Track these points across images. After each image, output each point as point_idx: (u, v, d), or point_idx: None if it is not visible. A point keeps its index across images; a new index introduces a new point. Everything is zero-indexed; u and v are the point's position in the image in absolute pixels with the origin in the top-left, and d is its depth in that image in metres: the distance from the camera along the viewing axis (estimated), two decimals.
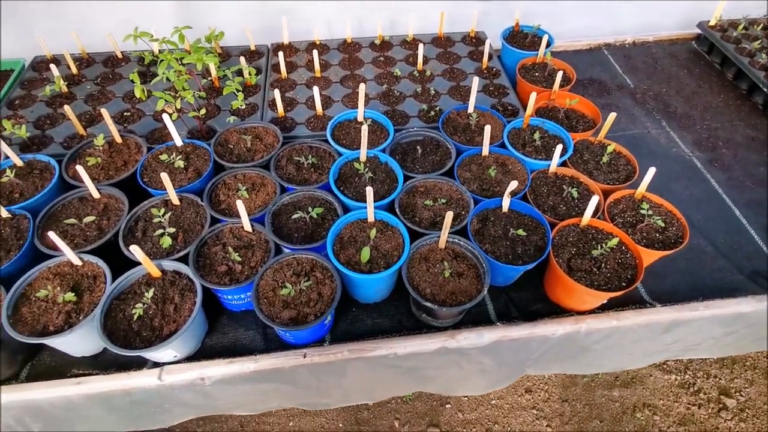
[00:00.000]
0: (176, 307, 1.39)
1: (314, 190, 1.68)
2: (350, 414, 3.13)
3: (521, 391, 2.95)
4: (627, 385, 2.92)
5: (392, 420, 3.01)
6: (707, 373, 2.96)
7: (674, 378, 2.93)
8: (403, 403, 3.06)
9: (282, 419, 3.56)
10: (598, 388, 2.92)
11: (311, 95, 2.16)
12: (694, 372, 2.96)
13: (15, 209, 1.59)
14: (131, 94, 2.17)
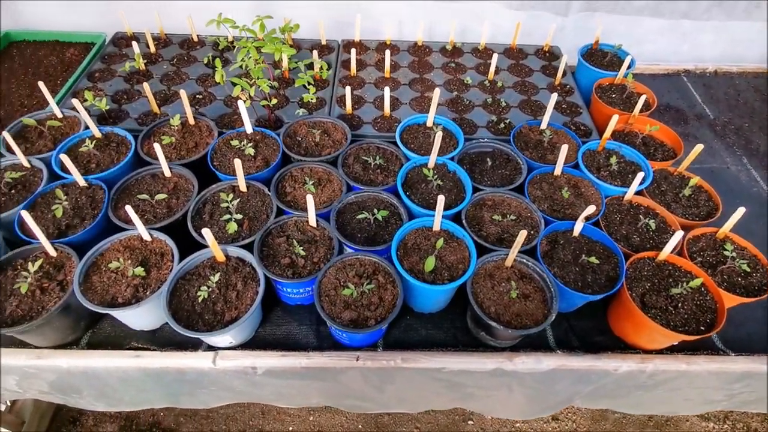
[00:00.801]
0: (238, 294, 1.39)
1: (380, 191, 1.66)
2: (371, 417, 3.10)
3: (548, 417, 2.85)
4: (660, 427, 2.77)
5: (412, 428, 2.97)
6: (747, 426, 2.78)
7: (712, 426, 2.76)
8: (425, 413, 3.01)
9: (302, 412, 3.57)
10: (630, 426, 2.79)
11: (379, 95, 2.15)
12: (733, 422, 2.79)
13: (91, 179, 1.63)
14: (204, 77, 2.21)
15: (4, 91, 2.15)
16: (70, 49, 2.37)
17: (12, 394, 1.61)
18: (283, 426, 3.50)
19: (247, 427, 3.46)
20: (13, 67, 2.27)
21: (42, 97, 2.11)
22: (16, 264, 1.44)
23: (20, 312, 1.34)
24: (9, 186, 1.62)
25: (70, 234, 1.50)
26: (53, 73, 2.25)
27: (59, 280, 1.41)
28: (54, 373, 1.48)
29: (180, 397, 1.69)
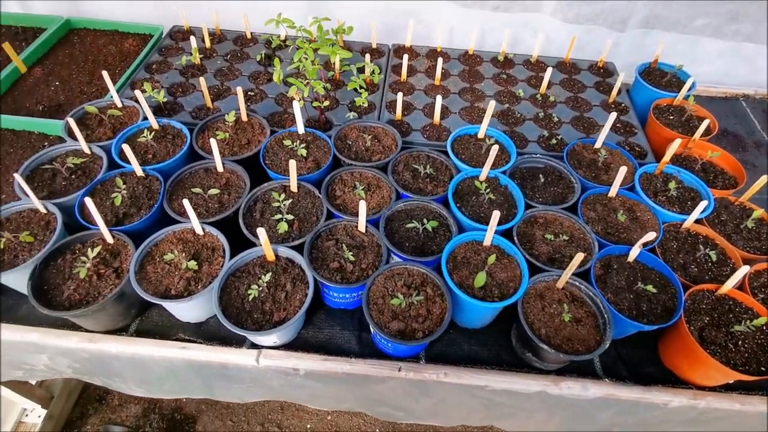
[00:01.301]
0: (287, 295, 1.40)
1: (429, 201, 1.64)
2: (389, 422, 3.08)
3: None
4: None
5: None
6: None
7: None
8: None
9: (321, 411, 3.58)
10: None
11: (428, 102, 2.14)
12: None
13: (148, 170, 1.67)
14: (256, 74, 2.23)
15: (65, 76, 2.21)
16: (129, 39, 2.43)
17: (51, 372, 1.65)
18: (301, 423, 3.52)
19: (266, 421, 3.49)
20: (74, 54, 2.34)
21: (101, 84, 2.18)
22: (74, 248, 1.48)
23: (77, 296, 1.37)
24: (70, 171, 1.67)
25: (127, 222, 1.54)
26: (112, 62, 2.31)
27: (115, 267, 1.44)
28: (101, 357, 1.51)
29: (217, 390, 1.71)
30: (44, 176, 1.66)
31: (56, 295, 1.37)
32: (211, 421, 3.44)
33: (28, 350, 1.52)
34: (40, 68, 2.24)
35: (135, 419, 3.38)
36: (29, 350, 1.52)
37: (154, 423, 3.36)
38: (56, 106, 2.07)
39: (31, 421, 3.17)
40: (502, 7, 2.44)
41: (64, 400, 3.30)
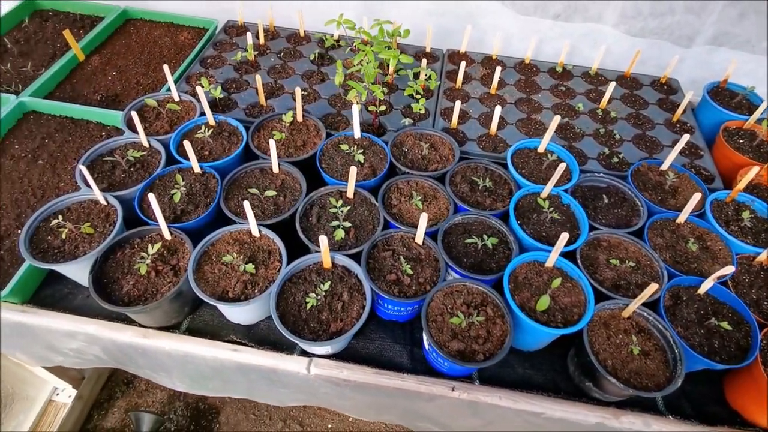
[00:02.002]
0: (344, 305, 1.37)
1: (488, 216, 1.59)
2: None
3: None
4: None
5: None
6: None
7: None
8: None
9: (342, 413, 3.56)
10: None
11: (484, 111, 2.08)
12: None
13: (205, 167, 1.66)
14: (309, 74, 2.21)
15: (122, 66, 2.23)
16: (183, 32, 2.44)
17: (97, 362, 1.66)
18: (323, 422, 3.51)
19: (288, 417, 3.50)
20: (130, 44, 2.36)
21: (156, 76, 2.19)
22: (133, 242, 1.48)
23: (136, 292, 1.37)
24: (129, 164, 1.67)
25: (185, 220, 1.53)
26: (167, 54, 2.32)
27: (172, 264, 1.44)
28: (151, 353, 1.51)
29: (258, 392, 1.70)
30: (104, 167, 1.67)
31: (115, 289, 1.38)
32: (234, 414, 3.46)
33: (83, 341, 1.53)
34: (98, 57, 2.26)
35: (160, 405, 3.43)
36: (84, 341, 1.53)
37: (178, 410, 3.39)
38: (113, 96, 2.08)
39: (61, 401, 3.23)
40: (563, 17, 2.37)
41: (94, 382, 3.36)
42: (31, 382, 3.05)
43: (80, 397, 3.24)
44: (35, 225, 1.48)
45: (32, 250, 1.42)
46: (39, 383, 3.11)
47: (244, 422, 3.45)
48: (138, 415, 2.79)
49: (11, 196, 1.69)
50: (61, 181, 1.75)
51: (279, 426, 3.45)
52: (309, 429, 3.45)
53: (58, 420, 3.15)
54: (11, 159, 1.81)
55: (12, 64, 2.17)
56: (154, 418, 2.78)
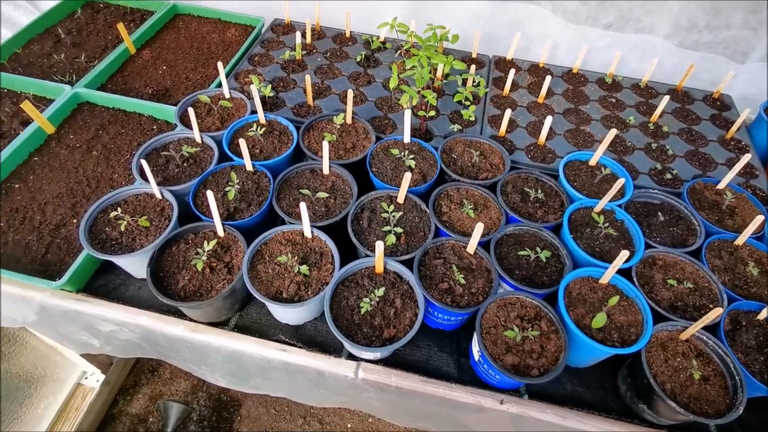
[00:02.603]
0: (396, 312, 1.37)
1: (540, 228, 1.57)
2: None
3: None
4: None
5: None
6: None
7: None
8: None
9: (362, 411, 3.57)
10: None
11: (531, 120, 2.06)
12: None
13: (257, 165, 1.67)
14: (356, 75, 2.21)
15: (172, 61, 2.26)
16: (231, 29, 2.46)
17: (141, 351, 1.69)
18: (342, 421, 3.52)
19: (308, 415, 3.51)
20: (179, 39, 2.39)
21: (205, 72, 2.21)
22: (187, 238, 1.50)
23: (192, 287, 1.38)
24: (183, 159, 1.69)
25: (238, 218, 1.54)
26: (215, 50, 2.34)
27: (226, 261, 1.45)
28: (199, 347, 1.53)
29: (300, 392, 1.71)
30: (158, 161, 1.69)
31: (171, 283, 1.39)
32: (255, 408, 3.49)
33: (132, 331, 1.55)
34: (149, 51, 2.29)
35: (183, 394, 3.47)
36: (133, 331, 1.55)
37: (201, 401, 3.44)
38: (164, 91, 2.11)
39: (89, 385, 3.30)
40: (615, 27, 2.32)
41: (121, 368, 3.42)
42: (61, 365, 3.12)
43: (107, 382, 3.30)
44: (93, 215, 1.50)
45: (91, 241, 1.44)
46: (69, 366, 3.18)
47: (264, 416, 3.48)
48: (166, 404, 2.83)
49: (67, 186, 1.72)
50: (114, 173, 1.78)
51: (299, 423, 3.46)
52: (329, 428, 3.46)
53: (85, 403, 3.21)
54: (66, 149, 1.84)
55: (65, 54, 2.21)
56: (182, 408, 2.82)
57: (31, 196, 1.68)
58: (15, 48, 2.22)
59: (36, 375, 2.90)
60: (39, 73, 2.12)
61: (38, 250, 1.55)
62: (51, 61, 2.18)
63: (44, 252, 1.54)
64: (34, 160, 1.79)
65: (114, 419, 3.29)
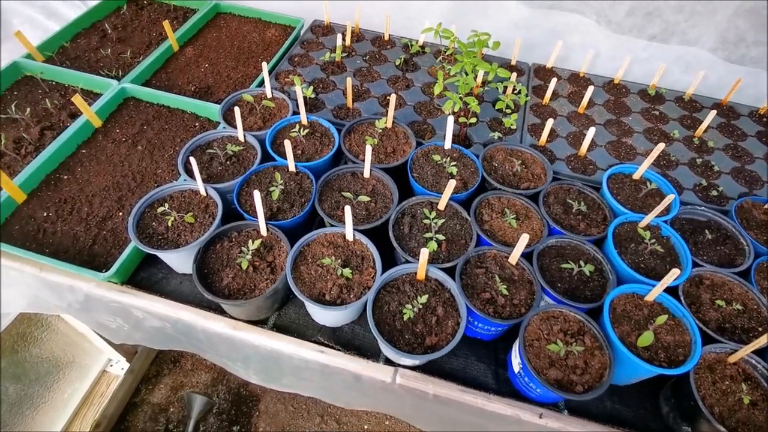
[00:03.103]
0: (438, 320, 1.36)
1: (582, 241, 1.55)
2: None
3: None
4: None
5: None
6: None
7: None
8: None
9: (380, 414, 3.57)
10: None
11: (572, 131, 2.03)
12: None
13: (300, 166, 1.68)
14: (395, 79, 2.21)
15: (213, 59, 2.29)
16: (271, 29, 2.48)
17: (175, 344, 1.71)
18: (359, 422, 3.53)
19: (325, 413, 3.53)
20: (221, 38, 2.42)
21: (246, 71, 2.23)
22: (231, 236, 1.51)
23: (235, 285, 1.40)
24: (227, 157, 1.71)
25: (280, 218, 1.55)
26: (255, 50, 2.36)
27: (269, 261, 1.46)
28: (237, 344, 1.55)
29: (332, 393, 1.71)
30: (202, 159, 1.71)
31: (215, 281, 1.41)
32: (273, 404, 3.52)
33: (172, 324, 1.58)
34: (191, 48, 2.33)
35: (204, 386, 3.52)
36: (173, 325, 1.58)
37: (221, 393, 3.48)
38: (206, 88, 2.14)
39: (114, 372, 3.37)
40: (659, 38, 2.28)
41: (144, 357, 3.49)
42: (89, 352, 3.19)
43: (131, 370, 3.36)
44: (141, 210, 1.53)
45: (139, 235, 1.47)
46: (96, 353, 3.25)
47: (282, 413, 3.51)
48: (191, 396, 2.87)
49: (113, 179, 1.76)
50: (158, 168, 1.81)
51: (316, 421, 3.48)
52: (345, 428, 3.47)
53: (110, 390, 3.28)
54: (112, 142, 1.88)
55: (112, 49, 2.26)
56: (206, 401, 2.86)
57: (79, 188, 1.72)
58: (63, 41, 2.27)
59: (65, 360, 2.97)
60: (86, 67, 2.17)
61: (86, 241, 1.58)
62: (97, 56, 2.23)
63: (91, 243, 1.58)
64: (81, 153, 1.83)
65: (136, 407, 3.35)
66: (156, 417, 3.31)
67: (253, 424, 3.40)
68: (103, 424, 3.11)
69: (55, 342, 2.83)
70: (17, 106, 1.94)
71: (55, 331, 2.82)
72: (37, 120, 1.92)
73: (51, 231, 1.60)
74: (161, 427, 3.27)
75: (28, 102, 1.99)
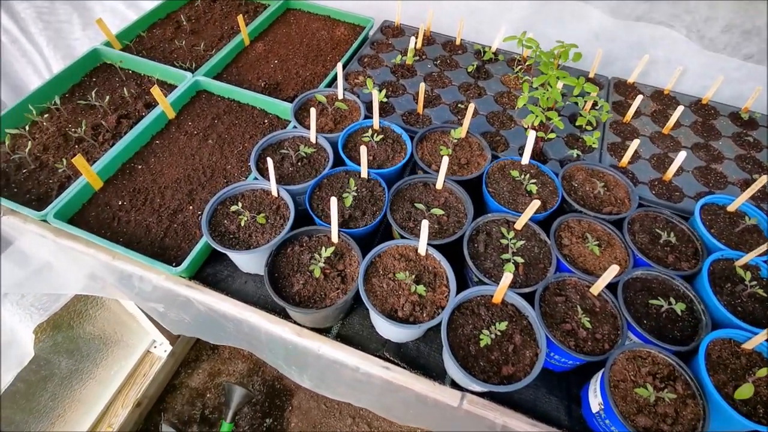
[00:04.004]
0: (515, 348, 1.29)
1: (672, 276, 1.44)
2: None
3: None
4: None
5: None
6: None
7: None
8: None
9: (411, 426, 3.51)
10: None
11: (656, 153, 1.90)
12: None
13: (372, 173, 1.64)
14: (466, 86, 2.13)
15: (283, 56, 2.28)
16: (340, 27, 2.45)
17: (232, 341, 1.71)
18: (391, 427, 3.48)
19: (357, 416, 3.51)
20: (290, 34, 2.41)
21: (315, 69, 2.21)
22: (301, 240, 1.49)
23: (306, 292, 1.37)
24: (298, 158, 1.68)
25: (352, 225, 1.52)
26: (324, 48, 2.34)
27: (339, 270, 1.43)
28: (299, 350, 1.52)
29: (387, 407, 1.67)
30: (274, 158, 1.69)
31: (286, 286, 1.39)
32: (306, 400, 3.52)
33: (235, 323, 1.57)
34: (262, 44, 2.32)
35: (240, 376, 3.56)
36: (236, 323, 1.57)
37: (256, 384, 3.51)
38: (275, 85, 2.13)
39: (157, 354, 3.45)
40: (756, 58, 2.11)
41: (186, 342, 3.55)
42: (136, 332, 3.28)
43: (173, 353, 3.43)
44: (213, 207, 1.53)
45: (211, 232, 1.46)
46: (142, 334, 3.34)
47: (315, 410, 3.51)
48: (231, 387, 2.90)
49: (184, 172, 1.77)
50: (227, 164, 1.81)
51: (348, 422, 3.47)
52: (377, 431, 3.44)
53: (152, 371, 3.36)
54: (185, 135, 1.89)
55: (186, 41, 2.28)
56: (245, 393, 2.88)
57: (152, 179, 1.74)
58: (139, 31, 2.31)
59: (114, 339, 3.06)
60: (160, 58, 2.20)
61: (157, 233, 1.59)
62: (172, 47, 2.26)
63: (162, 236, 1.59)
64: (155, 143, 1.85)
65: (175, 389, 3.43)
66: (193, 401, 3.38)
67: (285, 419, 3.41)
68: (144, 403, 3.20)
69: (106, 320, 2.92)
70: (97, 93, 1.98)
71: (108, 309, 2.91)
72: (114, 108, 1.96)
73: (125, 220, 1.62)
74: (197, 411, 3.33)
75: (106, 89, 2.03)
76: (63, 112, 1.92)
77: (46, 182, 1.70)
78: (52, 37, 2.12)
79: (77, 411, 2.87)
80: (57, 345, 2.60)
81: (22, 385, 2.42)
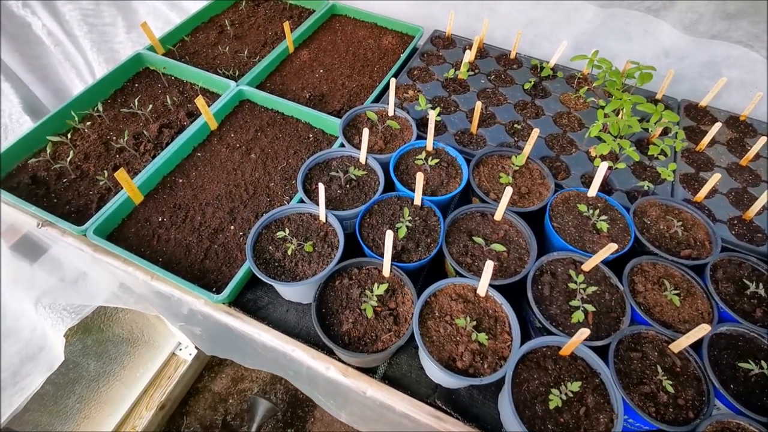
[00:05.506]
0: (588, 411, 1.16)
1: (761, 334, 1.28)
2: None
3: None
4: None
5: None
6: None
7: None
8: None
9: None
10: None
11: (734, 187, 1.73)
12: None
13: (426, 201, 1.52)
14: (523, 104, 2.00)
15: (328, 65, 2.18)
16: (387, 36, 2.34)
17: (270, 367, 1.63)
18: None
19: None
20: (336, 42, 2.31)
21: (361, 80, 2.11)
22: (351, 273, 1.39)
23: (356, 333, 1.27)
24: (347, 180, 1.58)
25: (405, 259, 1.41)
26: (371, 57, 2.23)
27: (391, 308, 1.32)
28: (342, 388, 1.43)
29: None
30: (321, 179, 1.60)
31: (334, 323, 1.29)
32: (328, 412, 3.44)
33: (278, 357, 1.49)
34: (306, 51, 2.23)
35: (263, 383, 3.51)
36: (279, 357, 1.49)
37: (279, 393, 3.45)
38: (320, 96, 2.03)
39: (182, 356, 3.42)
40: None
41: None
42: (162, 334, 3.25)
43: (198, 357, 3.40)
44: (258, 231, 1.44)
45: (255, 259, 1.38)
46: (168, 335, 3.30)
47: (337, 423, 3.43)
48: (256, 400, 2.84)
49: (226, 188, 1.69)
50: (270, 181, 1.72)
51: None
52: None
53: (177, 374, 3.33)
54: (227, 147, 1.82)
55: (229, 46, 2.21)
56: (270, 407, 2.82)
57: (193, 194, 1.67)
58: (183, 35, 2.25)
59: (141, 340, 3.03)
60: (203, 63, 2.13)
61: (197, 253, 1.52)
62: (215, 53, 2.18)
63: (203, 257, 1.51)
64: (197, 156, 1.78)
65: (198, 393, 3.40)
66: (215, 406, 3.34)
67: (308, 430, 3.34)
68: (168, 406, 3.17)
69: (134, 322, 2.90)
70: (139, 100, 1.92)
71: (135, 312, 2.87)
72: (156, 116, 1.89)
73: (165, 238, 1.55)
74: (219, 416, 3.29)
75: (149, 96, 1.97)
76: (105, 119, 1.86)
77: (86, 193, 1.64)
78: (96, 41, 2.07)
79: (102, 412, 2.85)
80: (86, 348, 2.58)
81: (50, 388, 2.41)
